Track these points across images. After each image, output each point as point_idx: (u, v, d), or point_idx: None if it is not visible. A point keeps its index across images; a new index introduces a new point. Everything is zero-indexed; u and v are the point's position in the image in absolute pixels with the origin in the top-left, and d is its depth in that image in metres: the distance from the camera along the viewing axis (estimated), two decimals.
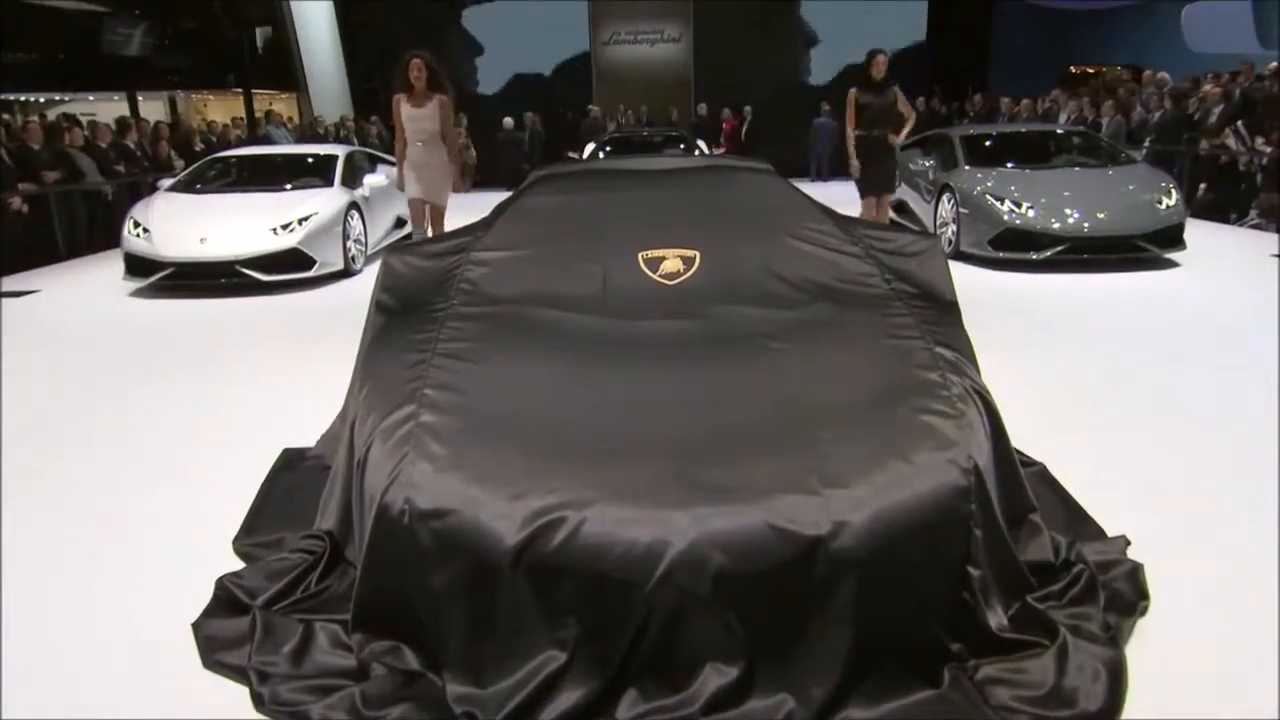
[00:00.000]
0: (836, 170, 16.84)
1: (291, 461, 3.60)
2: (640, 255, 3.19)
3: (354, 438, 2.55)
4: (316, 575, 2.60)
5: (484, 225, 3.50)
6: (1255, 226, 9.46)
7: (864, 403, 2.46)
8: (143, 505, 3.35)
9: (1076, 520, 2.94)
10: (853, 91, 7.23)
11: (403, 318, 3.02)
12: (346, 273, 7.99)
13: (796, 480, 2.13)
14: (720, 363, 2.69)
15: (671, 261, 3.16)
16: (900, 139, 7.39)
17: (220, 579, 2.61)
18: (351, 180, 8.53)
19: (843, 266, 3.16)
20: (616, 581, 2.00)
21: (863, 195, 7.51)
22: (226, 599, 2.54)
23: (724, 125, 16.77)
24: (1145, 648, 2.28)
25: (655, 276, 3.13)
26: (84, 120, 12.35)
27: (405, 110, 6.45)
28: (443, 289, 3.11)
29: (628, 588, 1.99)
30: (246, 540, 2.95)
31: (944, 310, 3.02)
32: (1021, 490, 2.62)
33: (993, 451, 2.43)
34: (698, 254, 3.18)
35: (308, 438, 3.80)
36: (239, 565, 2.81)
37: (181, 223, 7.46)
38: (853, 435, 2.30)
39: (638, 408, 2.46)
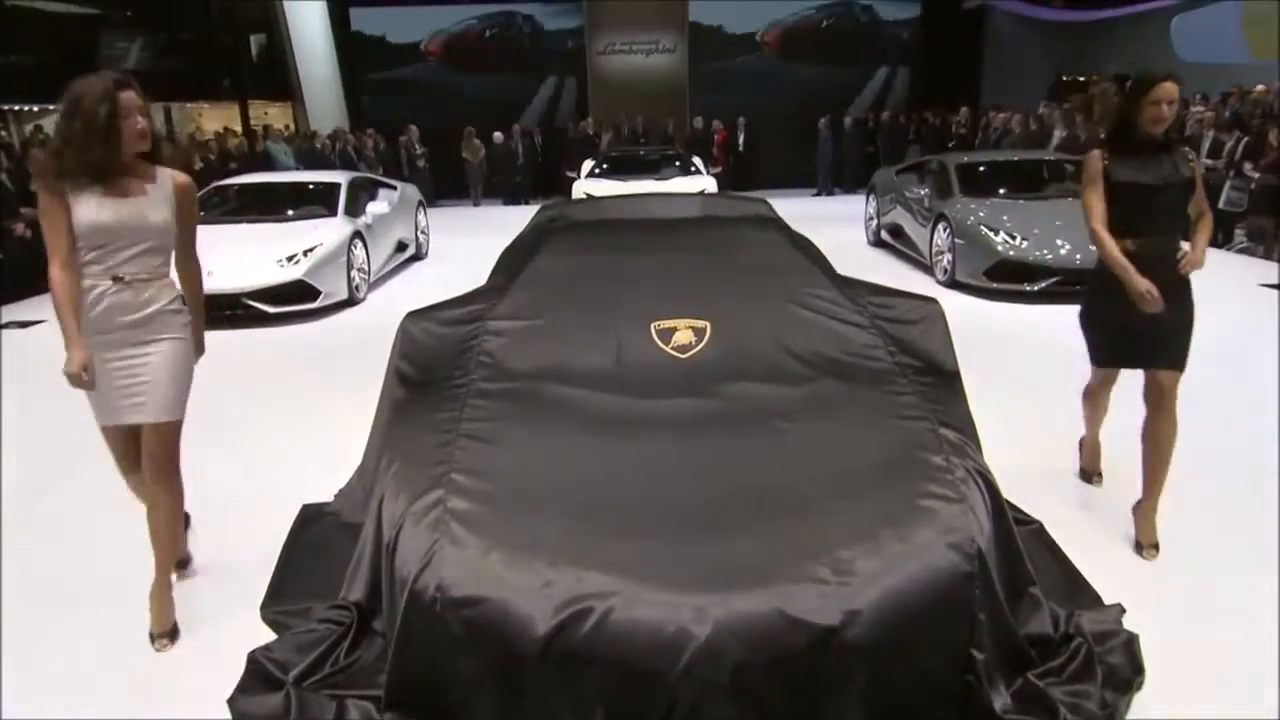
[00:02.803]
0: (837, 181, 17.08)
1: (311, 518, 3.69)
2: (653, 326, 3.30)
3: (382, 516, 2.65)
4: (346, 647, 2.71)
5: (497, 290, 3.60)
6: (1243, 250, 9.61)
7: (870, 487, 2.58)
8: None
9: (1072, 584, 3.06)
10: (1096, 155, 3.31)
11: (424, 392, 3.12)
12: (350, 301, 8.08)
13: (808, 568, 2.25)
14: (732, 444, 2.81)
15: (683, 333, 3.27)
16: (1198, 258, 3.24)
17: (252, 653, 2.70)
18: (354, 208, 8.63)
19: (848, 338, 3.28)
20: (641, 671, 2.12)
21: (1102, 361, 3.58)
22: (259, 674, 2.64)
23: (715, 138, 16.83)
24: None
25: (668, 349, 3.24)
26: None
27: (93, 208, 2.68)
28: (461, 360, 3.21)
29: (652, 677, 2.11)
30: (274, 607, 3.05)
31: (946, 383, 3.15)
32: (1021, 564, 2.75)
33: (994, 531, 2.55)
34: (708, 325, 3.29)
35: (324, 484, 3.89)
36: (264, 627, 2.93)
37: None
38: (860, 521, 2.43)
39: (656, 492, 2.58)
